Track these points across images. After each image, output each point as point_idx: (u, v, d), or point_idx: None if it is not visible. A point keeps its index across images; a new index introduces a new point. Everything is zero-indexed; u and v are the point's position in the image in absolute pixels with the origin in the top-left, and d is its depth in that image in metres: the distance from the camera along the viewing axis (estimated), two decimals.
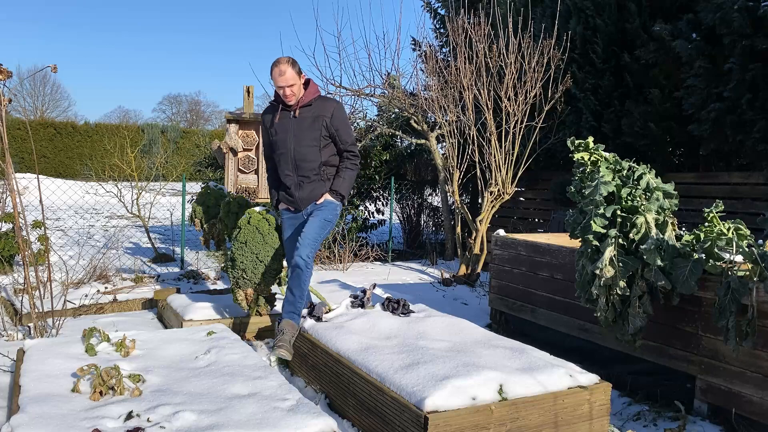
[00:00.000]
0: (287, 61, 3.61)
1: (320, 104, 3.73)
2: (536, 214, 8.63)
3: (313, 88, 3.77)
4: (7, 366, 3.45)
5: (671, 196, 3.27)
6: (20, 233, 4.00)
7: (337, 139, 3.75)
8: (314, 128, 3.69)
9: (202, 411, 2.42)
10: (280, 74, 3.58)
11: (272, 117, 3.80)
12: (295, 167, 3.73)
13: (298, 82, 3.65)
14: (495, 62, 6.81)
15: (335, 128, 3.72)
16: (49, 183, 11.26)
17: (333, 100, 3.89)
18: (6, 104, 3.82)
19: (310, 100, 3.72)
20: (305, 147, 3.70)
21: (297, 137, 3.69)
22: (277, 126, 3.76)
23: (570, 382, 2.72)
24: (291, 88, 3.62)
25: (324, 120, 3.69)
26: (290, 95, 3.64)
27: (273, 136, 3.79)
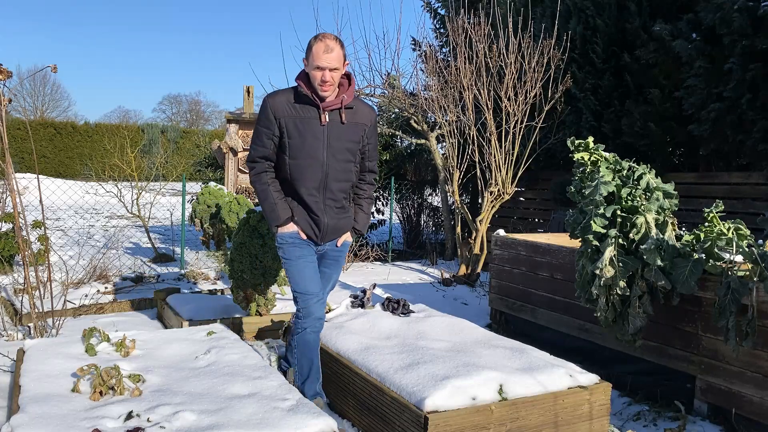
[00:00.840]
0: (335, 38, 2.79)
1: (359, 108, 2.95)
2: (536, 214, 8.63)
3: (353, 81, 2.95)
4: (7, 366, 3.45)
5: (671, 196, 3.27)
6: (20, 233, 4.00)
7: (366, 155, 3.04)
8: (352, 138, 2.91)
9: (202, 411, 2.42)
10: (326, 50, 2.73)
11: (292, 109, 2.83)
12: (324, 187, 2.89)
13: (341, 69, 2.81)
14: (495, 62, 6.81)
15: (369, 141, 3.01)
16: (49, 183, 11.26)
17: (367, 103, 3.08)
18: (6, 104, 3.82)
19: (353, 101, 2.90)
20: (342, 162, 2.89)
21: (332, 147, 2.85)
22: (301, 124, 2.82)
23: (570, 382, 2.72)
24: (333, 73, 2.77)
25: (363, 129, 2.94)
26: (329, 83, 2.78)
27: (291, 137, 2.83)
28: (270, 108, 2.83)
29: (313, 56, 2.75)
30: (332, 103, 2.82)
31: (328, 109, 2.82)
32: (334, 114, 2.86)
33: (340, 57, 2.77)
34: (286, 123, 2.81)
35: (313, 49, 2.76)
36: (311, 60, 2.76)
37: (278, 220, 2.87)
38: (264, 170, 2.90)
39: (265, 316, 4.32)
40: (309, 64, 2.78)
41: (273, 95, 2.86)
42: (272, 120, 2.82)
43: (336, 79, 2.80)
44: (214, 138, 12.43)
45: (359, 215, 3.09)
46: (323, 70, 2.74)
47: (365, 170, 3.09)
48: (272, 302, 4.34)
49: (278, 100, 2.84)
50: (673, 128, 6.48)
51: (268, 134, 2.85)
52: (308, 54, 2.79)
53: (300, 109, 2.82)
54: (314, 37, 2.79)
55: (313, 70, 2.76)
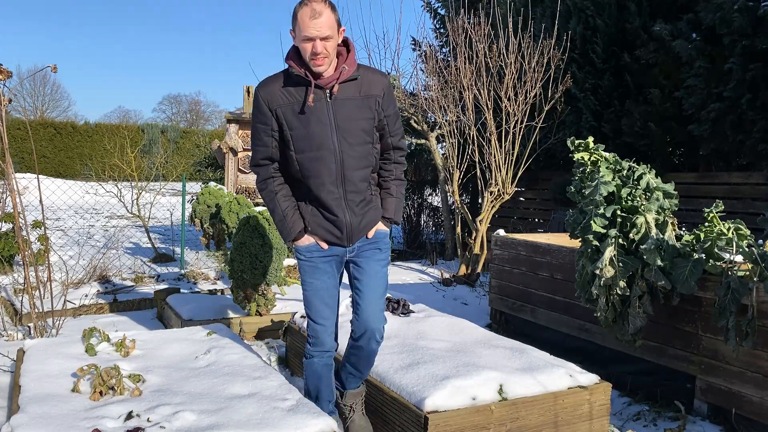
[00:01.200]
0: (323, 0, 2.31)
1: (366, 77, 2.46)
2: (536, 214, 8.63)
3: (353, 48, 2.47)
4: (7, 366, 3.45)
5: (671, 196, 3.27)
6: (20, 233, 4.00)
7: (386, 130, 2.54)
8: (365, 115, 2.43)
9: (202, 411, 2.42)
10: (312, 15, 2.26)
11: (287, 95, 2.39)
12: (342, 179, 2.44)
13: (336, 37, 2.34)
14: (495, 62, 6.81)
15: (386, 113, 2.51)
16: (49, 183, 11.25)
17: (375, 69, 2.58)
18: (6, 104, 3.82)
19: (355, 71, 2.41)
20: (356, 146, 2.43)
21: (342, 130, 2.40)
22: (300, 110, 2.38)
23: (570, 382, 2.72)
24: (325, 42, 2.29)
25: (376, 101, 2.45)
26: (322, 55, 2.30)
27: (292, 128, 2.40)
28: (262, 99, 2.40)
29: (299, 25, 2.29)
30: (330, 78, 2.36)
31: (327, 86, 2.36)
32: (342, 89, 2.40)
33: (332, 22, 2.30)
34: (284, 112, 2.39)
35: (298, 16, 2.29)
36: (297, 30, 2.31)
37: (290, 235, 2.50)
38: (270, 176, 2.50)
39: (265, 316, 4.32)
40: (297, 36, 2.33)
41: (263, 84, 2.43)
42: (267, 113, 2.40)
43: (330, 50, 2.31)
44: (214, 138, 12.44)
45: (388, 200, 2.60)
46: (313, 41, 2.27)
47: (388, 148, 2.58)
48: (272, 302, 4.34)
49: (270, 88, 2.41)
50: (673, 128, 6.48)
51: (266, 130, 2.43)
52: (294, 24, 2.32)
53: (296, 93, 2.37)
54: (299, 2, 2.32)
55: (302, 43, 2.30)
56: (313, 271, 2.55)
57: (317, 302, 2.56)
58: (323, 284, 2.56)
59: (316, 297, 2.56)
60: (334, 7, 2.33)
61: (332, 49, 2.33)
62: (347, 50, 2.43)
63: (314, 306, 2.56)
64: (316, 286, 2.55)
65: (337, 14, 2.34)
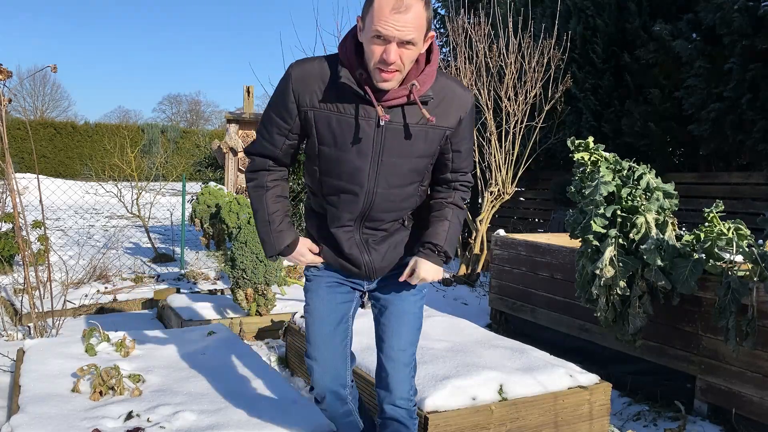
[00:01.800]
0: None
1: (446, 95, 1.79)
2: (536, 214, 8.64)
3: (436, 56, 1.76)
4: (7, 366, 3.45)
5: (671, 196, 3.27)
6: (20, 233, 4.00)
7: (449, 166, 1.91)
8: (424, 151, 1.82)
9: (202, 411, 2.42)
10: (397, 7, 1.57)
11: (329, 96, 1.73)
12: (366, 216, 1.87)
13: (420, 44, 1.66)
14: (495, 62, 6.81)
15: (455, 148, 1.87)
16: (49, 183, 11.25)
17: (457, 83, 1.85)
18: (6, 104, 3.82)
19: (429, 89, 1.74)
20: (398, 188, 1.84)
21: (386, 167, 1.78)
22: (338, 126, 1.75)
23: (570, 382, 2.72)
24: (404, 50, 1.62)
25: (445, 134, 1.82)
26: (394, 67, 1.63)
27: (324, 143, 1.78)
28: (293, 88, 1.73)
29: (374, 14, 1.58)
30: (393, 97, 1.70)
31: (387, 105, 1.71)
32: (397, 113, 1.73)
33: (422, 21, 1.60)
34: (316, 118, 1.74)
35: (375, 2, 1.59)
36: (369, 20, 1.60)
37: (273, 248, 1.89)
38: (265, 167, 1.88)
39: (265, 316, 4.32)
40: (365, 28, 1.63)
41: (300, 69, 1.74)
42: (292, 109, 1.75)
43: (408, 61, 1.64)
44: (214, 138, 12.44)
45: (439, 224, 1.90)
46: (388, 43, 1.58)
47: (449, 181, 1.94)
48: (272, 302, 4.34)
49: (308, 78, 1.73)
50: (673, 128, 6.48)
51: (281, 128, 1.80)
52: (367, 10, 1.62)
53: (340, 100, 1.72)
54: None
55: (371, 41, 1.60)
56: (317, 289, 1.99)
57: (313, 332, 1.98)
58: (326, 309, 1.98)
59: (312, 325, 1.98)
60: (428, 2, 1.63)
61: (410, 60, 1.64)
62: (426, 59, 1.73)
63: (310, 336, 1.99)
64: (315, 314, 1.98)
65: (431, 12, 1.65)
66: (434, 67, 1.74)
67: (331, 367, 1.98)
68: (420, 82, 1.71)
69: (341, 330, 1.99)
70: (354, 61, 1.70)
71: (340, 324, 1.99)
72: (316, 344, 1.98)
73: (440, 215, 1.92)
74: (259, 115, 6.60)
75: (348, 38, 1.74)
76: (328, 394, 1.99)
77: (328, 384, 1.98)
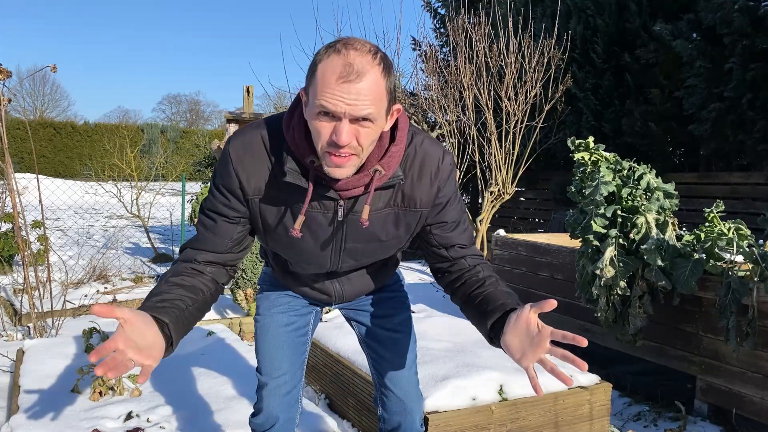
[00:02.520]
0: (369, 49, 1.25)
1: (413, 170, 1.44)
2: (536, 214, 8.63)
3: (402, 134, 1.40)
4: (6, 366, 3.45)
5: (672, 196, 3.27)
6: (20, 233, 3.99)
7: (434, 240, 1.55)
8: (395, 233, 1.51)
9: (202, 411, 2.42)
10: (345, 74, 1.20)
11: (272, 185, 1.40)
12: (335, 274, 1.65)
13: (381, 120, 1.28)
14: (495, 62, 6.81)
15: (438, 220, 1.52)
16: (49, 183, 11.26)
17: (430, 146, 1.46)
18: (6, 104, 3.82)
19: (396, 170, 1.39)
20: (372, 262, 1.63)
21: (352, 253, 1.54)
22: (288, 217, 1.44)
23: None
24: (361, 128, 1.25)
25: (420, 214, 1.49)
26: (347, 151, 1.26)
27: (270, 231, 1.47)
28: (234, 172, 1.39)
29: (317, 84, 1.24)
30: (351, 185, 1.36)
31: (344, 196, 1.39)
32: (357, 203, 1.42)
33: (380, 92, 1.25)
34: (260, 207, 1.43)
35: (318, 68, 1.24)
36: (312, 93, 1.25)
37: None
38: (191, 258, 1.45)
39: None
40: (309, 102, 1.28)
41: (240, 151, 1.39)
42: (237, 195, 1.42)
43: (366, 143, 1.28)
44: (214, 138, 12.44)
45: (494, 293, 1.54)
46: (338, 120, 1.23)
47: (443, 247, 1.56)
48: None
49: (249, 163, 1.39)
50: (673, 128, 6.48)
51: (228, 216, 1.44)
52: (310, 79, 1.27)
53: (287, 188, 1.38)
54: (327, 45, 1.27)
55: (316, 118, 1.25)
56: (273, 304, 1.71)
57: (265, 345, 1.69)
58: (281, 320, 1.70)
59: (262, 337, 1.70)
60: (388, 68, 1.28)
61: (370, 140, 1.28)
62: (391, 135, 1.39)
63: (261, 350, 1.70)
64: (267, 325, 1.70)
65: (392, 79, 1.29)
66: (400, 146, 1.38)
67: (290, 397, 1.69)
68: (384, 166, 1.35)
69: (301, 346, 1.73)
70: (304, 145, 1.33)
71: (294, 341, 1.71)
72: (275, 357, 1.68)
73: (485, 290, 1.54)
74: (259, 115, 6.59)
75: (294, 115, 1.36)
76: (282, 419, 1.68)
77: (276, 410, 1.69)
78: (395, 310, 1.77)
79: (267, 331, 1.69)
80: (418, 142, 1.44)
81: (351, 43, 1.24)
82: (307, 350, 1.74)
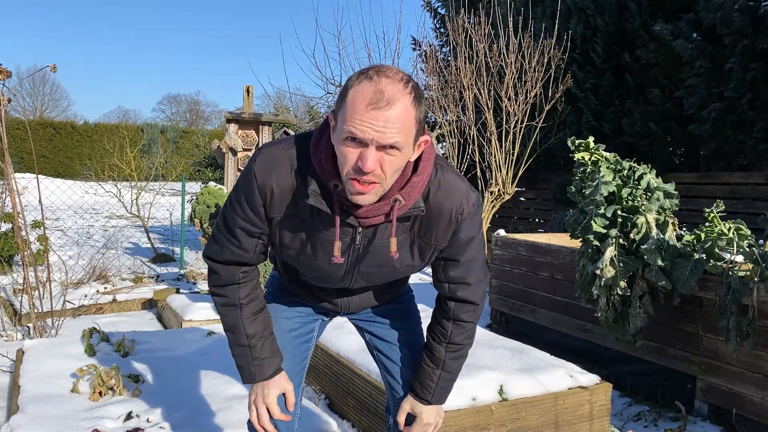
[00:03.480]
0: (402, 78, 1.26)
1: (434, 207, 1.43)
2: (536, 214, 8.63)
3: (426, 164, 1.39)
4: (6, 366, 3.45)
5: (672, 196, 3.27)
6: (19, 233, 3.99)
7: (444, 269, 1.57)
8: (409, 262, 1.53)
9: (202, 411, 2.42)
10: (375, 101, 1.22)
11: (296, 204, 1.42)
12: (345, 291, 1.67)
13: (408, 149, 1.29)
14: (495, 62, 6.81)
15: (454, 254, 1.52)
16: (49, 183, 11.25)
17: (455, 180, 1.46)
18: (5, 104, 3.82)
19: (417, 201, 1.39)
20: (384, 284, 1.66)
21: (365, 276, 1.56)
22: (309, 237, 1.46)
23: (570, 382, 2.72)
24: (386, 155, 1.25)
25: (436, 248, 1.50)
26: (372, 178, 1.27)
27: (288, 248, 1.50)
28: (258, 193, 1.41)
29: (347, 110, 1.25)
30: (371, 212, 1.37)
31: (363, 223, 1.40)
32: (377, 231, 1.44)
33: (409, 121, 1.26)
34: (281, 226, 1.46)
35: (349, 94, 1.25)
36: (342, 117, 1.26)
37: (251, 377, 1.56)
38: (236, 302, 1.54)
39: None
40: (337, 127, 1.29)
41: (267, 167, 1.40)
42: (260, 215, 1.44)
43: (390, 171, 1.28)
44: (214, 138, 12.43)
45: (427, 373, 1.64)
46: (364, 146, 1.24)
47: (444, 280, 1.58)
48: None
49: (277, 182, 1.40)
50: (673, 128, 6.48)
51: (250, 232, 1.47)
52: (340, 104, 1.28)
53: (309, 211, 1.41)
54: (360, 71, 1.28)
55: (343, 143, 1.26)
56: (279, 309, 1.71)
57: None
58: (287, 325, 1.70)
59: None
60: (419, 97, 1.28)
61: (394, 170, 1.29)
62: (414, 165, 1.38)
63: None
64: (278, 327, 1.67)
65: (422, 110, 1.29)
66: (423, 176, 1.37)
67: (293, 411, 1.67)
68: (405, 196, 1.35)
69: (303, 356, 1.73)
70: (330, 168, 1.34)
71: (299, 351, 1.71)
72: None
73: (432, 358, 1.63)
74: (259, 115, 6.59)
75: (323, 137, 1.37)
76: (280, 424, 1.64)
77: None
78: (406, 322, 1.78)
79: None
80: (442, 177, 1.44)
81: (383, 70, 1.25)
82: (308, 357, 1.74)
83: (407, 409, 1.66)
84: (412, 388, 1.66)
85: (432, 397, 1.64)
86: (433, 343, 1.65)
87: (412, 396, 1.65)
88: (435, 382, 1.64)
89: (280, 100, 14.32)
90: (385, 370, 1.77)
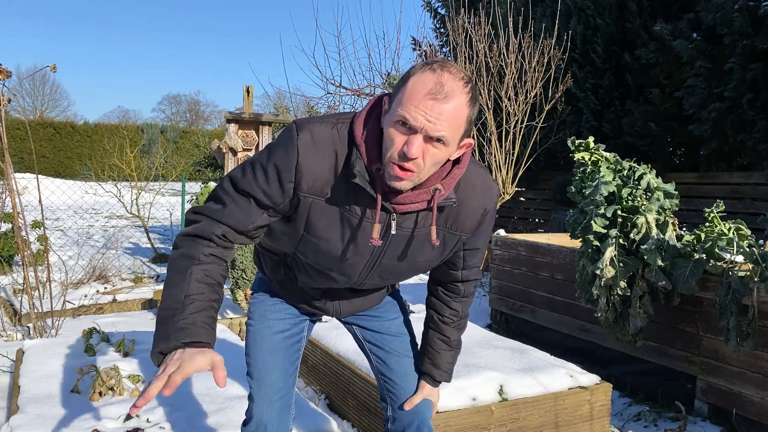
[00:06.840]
0: (462, 77, 1.28)
1: (465, 199, 1.46)
2: (536, 214, 8.63)
3: (467, 158, 1.43)
4: (6, 366, 3.45)
5: (672, 196, 3.27)
6: (19, 233, 3.99)
7: (459, 264, 1.61)
8: (433, 255, 1.52)
9: (202, 411, 2.42)
10: (434, 92, 1.24)
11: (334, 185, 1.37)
12: (346, 290, 1.64)
13: (453, 145, 1.31)
14: (495, 62, 6.81)
15: (468, 247, 1.57)
16: (49, 183, 11.25)
17: (482, 177, 1.50)
18: (5, 104, 3.82)
19: (451, 193, 1.40)
20: (395, 280, 1.65)
21: (384, 270, 1.53)
22: (337, 221, 1.41)
23: (570, 382, 2.72)
24: (431, 146, 1.28)
25: (460, 240, 1.52)
26: (412, 166, 1.28)
27: (312, 233, 1.42)
28: (296, 169, 1.34)
29: (404, 94, 1.27)
30: (408, 200, 1.37)
31: (398, 210, 1.39)
32: (409, 217, 1.42)
33: (461, 117, 1.28)
34: (312, 206, 1.38)
35: (410, 81, 1.28)
36: (397, 101, 1.28)
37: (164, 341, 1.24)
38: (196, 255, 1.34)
39: None
40: (390, 109, 1.31)
41: (310, 139, 1.35)
42: (287, 190, 1.36)
43: (430, 163, 1.30)
44: (214, 138, 12.42)
45: (440, 355, 1.70)
46: (412, 132, 1.26)
47: (455, 280, 1.65)
48: None
49: (320, 162, 1.35)
50: (673, 128, 6.48)
51: (263, 205, 1.37)
52: (399, 89, 1.30)
53: (345, 190, 1.37)
54: (424, 62, 1.31)
55: (392, 125, 1.28)
56: (268, 310, 1.68)
57: (260, 351, 1.63)
58: (277, 327, 1.66)
59: (258, 345, 1.64)
60: (475, 99, 1.30)
61: (434, 163, 1.31)
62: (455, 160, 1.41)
63: (254, 357, 1.64)
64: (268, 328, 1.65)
65: (475, 111, 1.32)
66: (463, 169, 1.41)
67: (285, 413, 1.65)
68: (445, 186, 1.38)
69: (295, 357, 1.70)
70: (374, 150, 1.34)
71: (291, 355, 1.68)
72: (272, 368, 1.63)
73: (442, 339, 1.69)
74: (259, 115, 6.59)
75: (371, 118, 1.37)
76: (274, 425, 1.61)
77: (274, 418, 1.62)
78: (395, 314, 1.79)
79: (261, 337, 1.65)
80: (473, 170, 1.47)
81: (447, 66, 1.28)
82: (299, 357, 1.72)
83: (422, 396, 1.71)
84: (428, 374, 1.70)
85: (442, 375, 1.71)
86: (444, 326, 1.69)
87: (427, 381, 1.71)
88: (451, 362, 1.72)
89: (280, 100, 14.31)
90: (377, 365, 1.77)
